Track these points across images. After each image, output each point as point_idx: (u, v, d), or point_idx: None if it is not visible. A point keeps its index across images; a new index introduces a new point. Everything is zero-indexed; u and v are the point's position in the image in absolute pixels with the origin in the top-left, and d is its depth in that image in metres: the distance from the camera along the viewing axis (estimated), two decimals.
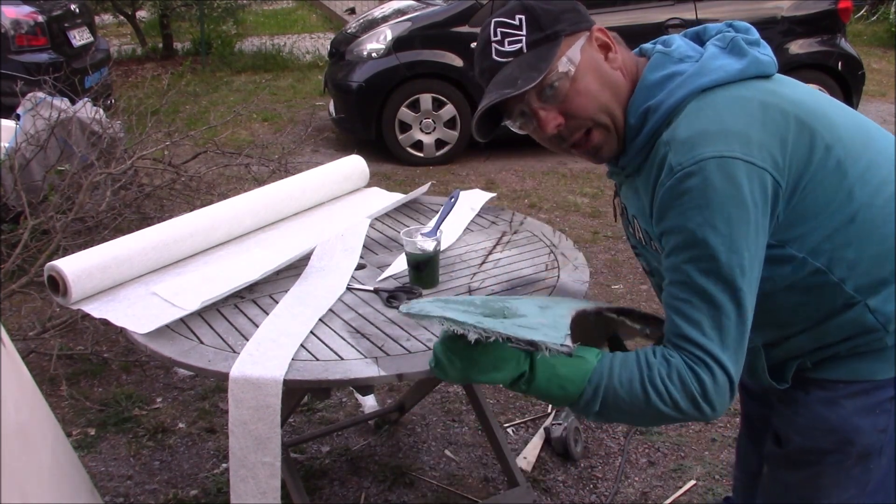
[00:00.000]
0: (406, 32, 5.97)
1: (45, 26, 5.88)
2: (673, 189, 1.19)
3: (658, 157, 1.23)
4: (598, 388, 1.22)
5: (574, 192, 5.27)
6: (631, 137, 1.30)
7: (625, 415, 1.24)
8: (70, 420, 2.93)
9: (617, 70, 1.30)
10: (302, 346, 1.74)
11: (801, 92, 1.29)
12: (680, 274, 1.21)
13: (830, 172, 1.21)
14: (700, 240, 1.18)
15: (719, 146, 1.17)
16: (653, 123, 1.26)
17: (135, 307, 1.91)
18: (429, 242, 1.99)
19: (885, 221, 1.24)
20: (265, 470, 1.68)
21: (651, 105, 1.26)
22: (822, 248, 1.23)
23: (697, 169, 1.17)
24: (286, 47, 10.28)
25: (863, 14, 11.58)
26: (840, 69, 6.08)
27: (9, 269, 3.27)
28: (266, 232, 2.37)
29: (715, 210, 1.17)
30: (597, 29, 1.31)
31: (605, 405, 1.23)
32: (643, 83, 1.29)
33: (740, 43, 1.28)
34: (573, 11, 1.30)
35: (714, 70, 1.24)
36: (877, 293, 1.25)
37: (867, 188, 1.23)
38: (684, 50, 1.30)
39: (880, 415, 1.30)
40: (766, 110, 1.21)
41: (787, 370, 1.36)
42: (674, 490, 2.57)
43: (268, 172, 4.53)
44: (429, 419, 2.93)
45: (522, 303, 1.37)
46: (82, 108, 4.20)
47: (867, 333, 1.27)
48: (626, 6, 6.02)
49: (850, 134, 1.26)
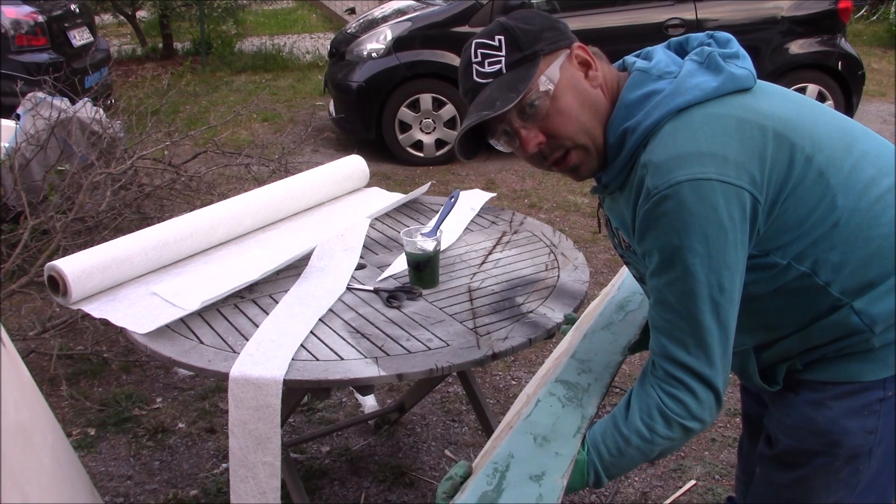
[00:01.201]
0: (406, 32, 5.96)
1: (45, 26, 5.88)
2: (650, 213, 1.21)
3: (637, 179, 1.25)
4: (598, 473, 1.30)
5: (574, 192, 5.27)
6: (612, 157, 1.31)
7: (635, 465, 1.32)
8: (70, 420, 2.93)
9: (597, 88, 1.31)
10: (302, 346, 1.74)
11: (780, 102, 1.29)
12: (661, 294, 1.25)
13: (812, 183, 1.23)
14: (678, 261, 1.20)
15: (694, 168, 1.18)
16: (631, 144, 1.26)
17: (135, 307, 1.91)
18: (429, 242, 1.99)
19: (869, 225, 1.24)
20: (265, 470, 1.68)
21: (629, 126, 1.27)
22: (806, 254, 1.24)
23: (672, 192, 1.18)
24: (286, 47, 10.28)
25: (863, 14, 11.58)
26: (840, 69, 6.07)
27: (9, 269, 3.27)
28: (266, 232, 2.37)
29: (691, 232, 1.18)
30: (577, 46, 1.32)
31: (611, 475, 1.31)
32: (622, 102, 1.29)
33: (717, 59, 1.27)
34: (553, 30, 1.31)
35: (690, 89, 1.24)
36: (862, 295, 1.26)
37: (851, 193, 1.24)
38: (664, 66, 1.30)
39: (868, 416, 1.31)
40: (743, 127, 1.22)
41: (777, 373, 1.36)
42: (674, 490, 2.57)
43: (268, 172, 4.53)
44: (429, 419, 2.93)
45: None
46: (82, 108, 4.20)
47: (853, 335, 1.28)
48: (626, 6, 6.02)
49: (832, 141, 1.26)
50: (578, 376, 1.45)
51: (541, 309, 1.88)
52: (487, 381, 3.14)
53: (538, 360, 3.28)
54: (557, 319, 1.84)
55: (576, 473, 1.29)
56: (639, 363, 3.26)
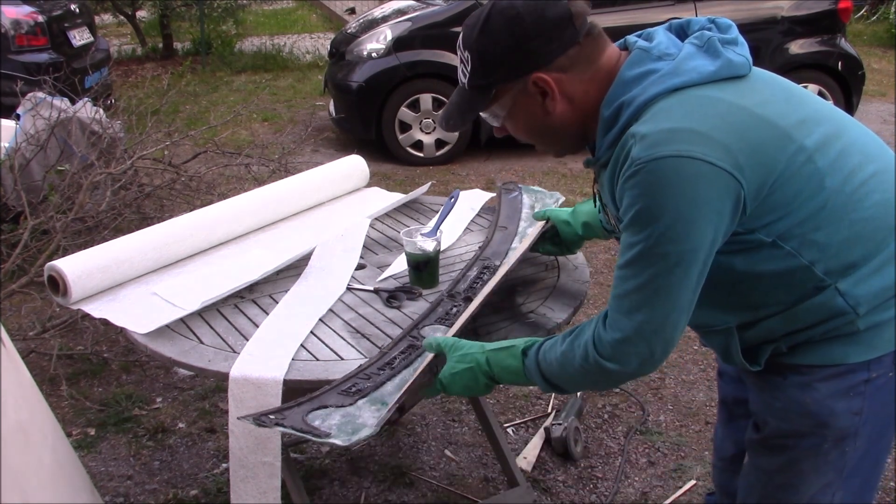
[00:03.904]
0: (406, 32, 5.96)
1: (45, 26, 5.88)
2: (630, 178, 1.24)
3: (625, 149, 1.27)
4: (537, 365, 1.42)
5: (574, 192, 5.27)
6: (605, 130, 1.33)
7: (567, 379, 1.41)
8: (70, 420, 2.93)
9: (555, 113, 1.36)
10: (302, 346, 1.74)
11: (772, 90, 1.32)
12: (623, 254, 1.29)
13: (801, 166, 1.25)
14: (645, 227, 1.23)
15: (681, 145, 1.21)
16: (626, 118, 1.29)
17: (135, 307, 1.91)
18: (429, 242, 1.99)
19: (854, 208, 1.28)
20: (265, 470, 1.68)
21: (625, 100, 1.29)
22: (792, 233, 1.27)
23: (655, 166, 1.21)
24: (286, 47, 10.28)
25: (863, 14, 11.58)
26: (840, 69, 6.07)
27: (9, 269, 3.27)
28: (266, 232, 2.37)
29: (665, 204, 1.21)
30: (535, 76, 1.33)
31: (547, 377, 1.42)
32: (620, 78, 1.32)
33: (716, 44, 1.30)
34: (518, 52, 1.32)
35: (687, 71, 1.28)
36: (846, 276, 1.28)
37: (838, 175, 1.27)
38: (664, 47, 1.33)
39: (854, 398, 1.34)
40: (735, 112, 1.25)
41: (761, 353, 1.38)
42: (674, 490, 2.57)
43: (268, 172, 4.52)
44: (429, 419, 2.93)
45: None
46: (82, 108, 4.20)
47: (838, 316, 1.30)
48: (626, 6, 6.02)
49: (820, 126, 1.29)
50: None
51: (541, 309, 1.88)
52: None
53: None
54: (557, 319, 1.84)
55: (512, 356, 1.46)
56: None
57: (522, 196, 2.37)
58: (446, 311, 1.85)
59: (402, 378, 1.58)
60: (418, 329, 1.76)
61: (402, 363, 1.63)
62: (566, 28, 1.31)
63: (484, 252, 2.13)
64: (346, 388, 1.54)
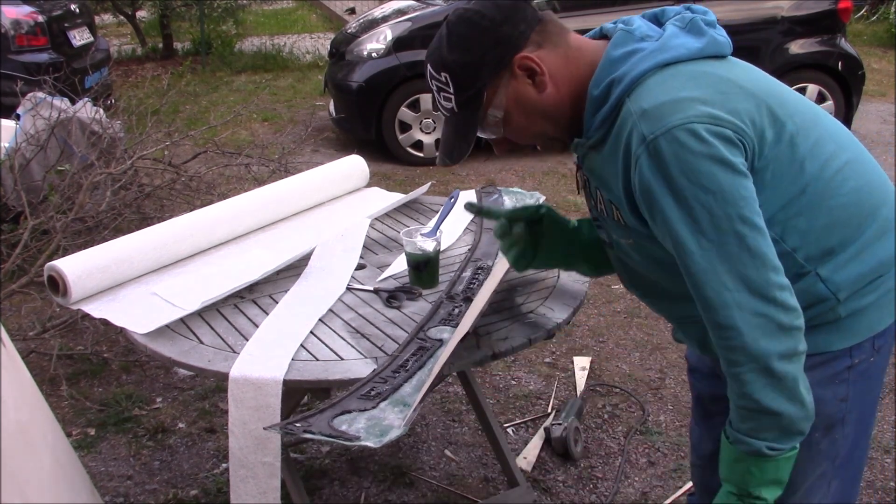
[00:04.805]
0: (406, 32, 5.96)
1: (45, 26, 5.88)
2: (649, 161, 1.22)
3: (626, 128, 1.26)
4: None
5: (574, 192, 5.27)
6: (594, 109, 1.33)
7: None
8: (70, 420, 2.93)
9: (547, 90, 1.35)
10: (302, 346, 1.74)
11: (754, 72, 1.36)
12: (681, 229, 1.23)
13: (785, 147, 1.27)
14: (695, 204, 1.20)
15: (688, 112, 1.21)
16: (617, 94, 1.29)
17: (135, 307, 1.91)
18: (429, 242, 1.99)
19: (831, 194, 1.30)
20: (265, 470, 1.68)
21: (615, 77, 1.30)
22: (776, 218, 1.27)
23: (670, 137, 1.20)
24: (286, 47, 10.27)
25: (863, 14, 11.57)
26: (840, 69, 6.07)
27: (9, 269, 3.27)
28: (266, 232, 2.37)
29: (699, 171, 1.20)
30: (519, 58, 1.34)
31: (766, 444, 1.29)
32: (607, 58, 1.32)
33: (699, 23, 1.33)
34: (495, 47, 1.33)
35: (675, 47, 1.29)
36: (825, 262, 1.30)
37: (816, 162, 1.29)
38: (644, 30, 1.34)
39: (839, 384, 1.35)
40: (726, 83, 1.27)
41: None
42: (674, 490, 2.57)
43: (268, 172, 4.52)
44: (429, 419, 2.93)
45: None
46: (82, 108, 4.20)
47: (820, 303, 1.31)
48: (626, 6, 6.01)
49: (800, 111, 1.32)
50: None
51: (541, 309, 1.88)
52: (487, 381, 3.15)
53: (538, 360, 3.29)
54: (557, 319, 1.84)
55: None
56: (639, 364, 3.27)
57: (503, 198, 2.41)
58: (448, 312, 1.86)
59: (418, 379, 1.61)
60: (424, 331, 1.77)
61: (416, 365, 1.65)
62: (524, 8, 1.35)
63: (474, 254, 2.15)
64: (366, 392, 1.56)
